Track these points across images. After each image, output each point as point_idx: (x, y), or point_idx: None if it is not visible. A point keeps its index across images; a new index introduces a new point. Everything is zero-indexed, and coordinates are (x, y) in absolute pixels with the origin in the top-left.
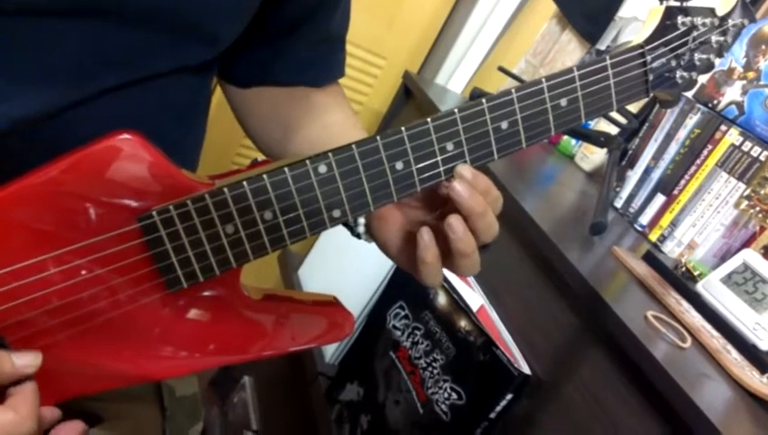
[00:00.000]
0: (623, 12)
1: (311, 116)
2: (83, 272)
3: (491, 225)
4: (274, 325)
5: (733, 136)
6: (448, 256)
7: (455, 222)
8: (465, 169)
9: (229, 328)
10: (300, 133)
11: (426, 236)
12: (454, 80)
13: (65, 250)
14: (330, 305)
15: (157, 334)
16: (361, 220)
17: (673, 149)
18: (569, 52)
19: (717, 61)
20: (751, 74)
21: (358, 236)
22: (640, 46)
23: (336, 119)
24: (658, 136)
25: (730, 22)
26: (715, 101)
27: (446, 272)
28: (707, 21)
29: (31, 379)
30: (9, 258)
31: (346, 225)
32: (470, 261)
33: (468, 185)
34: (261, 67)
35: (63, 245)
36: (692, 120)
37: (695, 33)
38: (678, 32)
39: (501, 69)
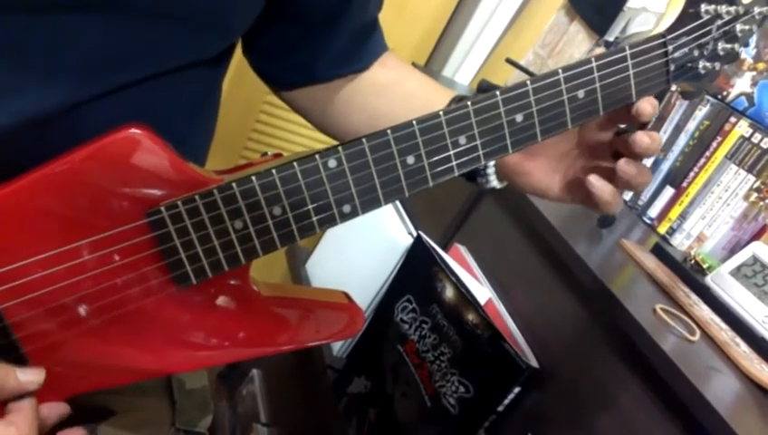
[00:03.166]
0: (632, 2)
1: (387, 95)
2: (93, 267)
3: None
4: (285, 321)
5: (742, 128)
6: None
7: (641, 136)
8: (646, 107)
9: (238, 323)
10: (382, 112)
11: (596, 183)
12: (461, 72)
13: (75, 245)
14: (340, 301)
15: (167, 329)
16: (490, 170)
17: (682, 140)
18: (577, 43)
19: (742, 50)
20: (761, 65)
21: (479, 183)
22: (662, 35)
23: (413, 87)
24: (667, 128)
25: (756, 10)
26: (725, 93)
27: (452, 265)
28: (732, 9)
29: (32, 395)
30: (19, 253)
31: (471, 178)
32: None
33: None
34: (305, 65)
35: (73, 240)
36: (701, 112)
37: (718, 22)
38: (701, 20)
39: (509, 61)
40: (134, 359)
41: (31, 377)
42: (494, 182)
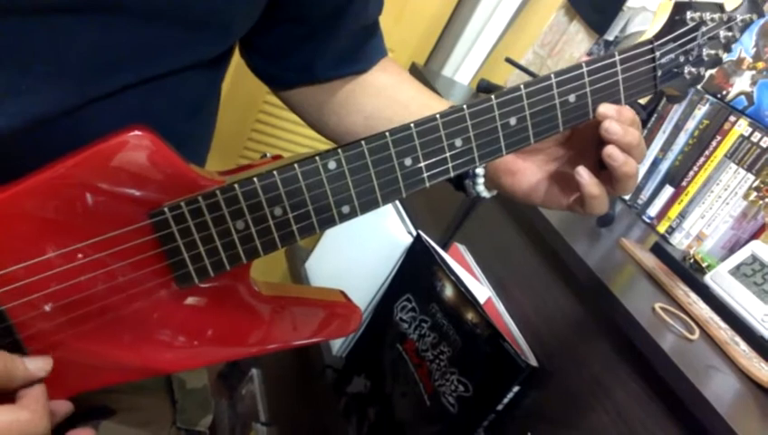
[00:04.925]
0: (631, 2)
1: (385, 97)
2: (96, 267)
3: (644, 149)
4: (284, 319)
5: (742, 127)
6: (608, 181)
7: (613, 151)
8: (608, 109)
9: (239, 322)
10: (380, 115)
11: (585, 174)
12: (461, 71)
13: (78, 246)
14: (338, 300)
15: (168, 328)
16: (480, 180)
17: (681, 140)
18: (577, 43)
19: (725, 56)
20: (760, 65)
21: (472, 194)
22: (649, 42)
23: (412, 93)
24: (667, 127)
25: (738, 17)
26: (724, 92)
27: (452, 264)
28: (716, 16)
29: (40, 381)
30: (24, 254)
31: (459, 187)
32: (635, 180)
33: (618, 122)
34: (305, 65)
35: (76, 241)
36: (701, 111)
37: (703, 29)
38: (687, 27)
39: (508, 60)
40: (135, 357)
41: (38, 364)
42: (482, 188)
